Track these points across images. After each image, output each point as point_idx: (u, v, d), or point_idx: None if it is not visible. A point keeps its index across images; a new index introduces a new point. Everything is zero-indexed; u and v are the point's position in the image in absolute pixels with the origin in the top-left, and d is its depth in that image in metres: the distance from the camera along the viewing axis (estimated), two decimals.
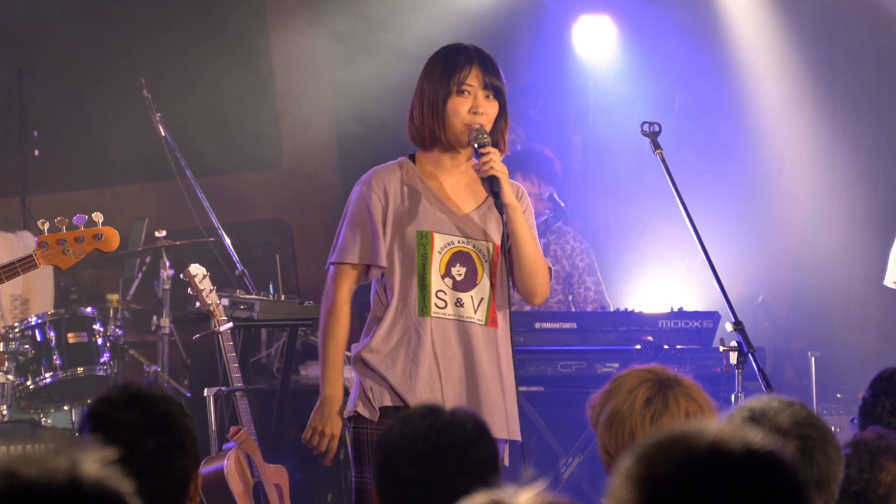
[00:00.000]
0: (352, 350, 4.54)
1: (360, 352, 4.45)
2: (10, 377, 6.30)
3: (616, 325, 6.57)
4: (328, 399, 4.44)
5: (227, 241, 7.11)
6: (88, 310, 6.70)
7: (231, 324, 6.02)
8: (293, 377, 7.17)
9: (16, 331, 6.43)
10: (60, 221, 5.07)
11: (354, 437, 4.43)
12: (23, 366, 6.41)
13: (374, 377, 4.41)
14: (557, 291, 7.04)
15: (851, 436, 3.11)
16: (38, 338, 6.47)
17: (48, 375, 6.45)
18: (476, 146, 4.39)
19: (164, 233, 7.14)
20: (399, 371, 4.40)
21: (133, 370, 7.40)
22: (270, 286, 7.79)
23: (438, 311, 4.42)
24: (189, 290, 6.07)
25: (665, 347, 6.40)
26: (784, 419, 2.70)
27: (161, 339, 7.18)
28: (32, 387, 6.45)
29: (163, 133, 7.48)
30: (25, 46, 8.26)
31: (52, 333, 6.47)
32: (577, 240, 7.17)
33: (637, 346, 6.40)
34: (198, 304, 6.07)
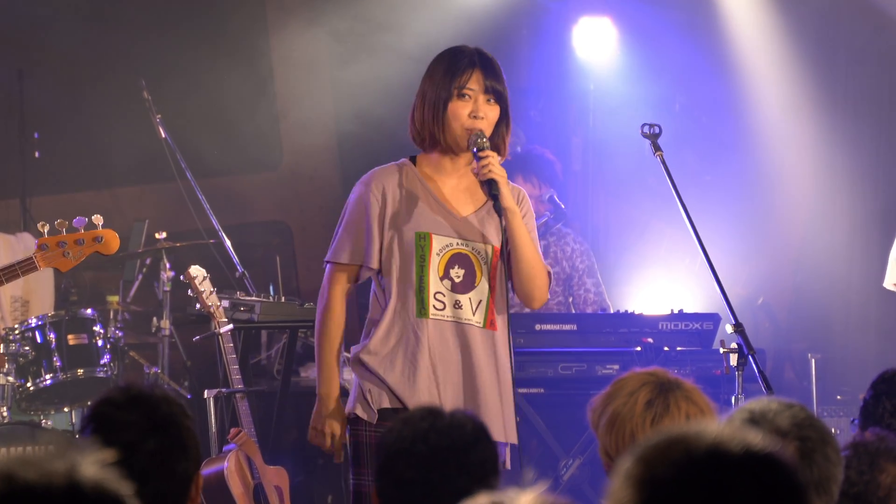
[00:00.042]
0: (351, 352, 4.53)
1: (359, 353, 4.44)
2: (10, 379, 6.29)
3: (616, 327, 6.56)
4: (322, 398, 4.45)
5: (228, 243, 7.11)
6: (89, 311, 6.69)
7: (231, 325, 6.01)
8: (293, 379, 7.17)
9: (16, 332, 6.42)
10: (60, 224, 5.07)
11: (353, 439, 4.43)
12: (23, 367, 6.41)
13: (373, 379, 4.40)
14: (557, 293, 7.04)
15: (851, 437, 3.11)
16: (39, 339, 6.46)
17: (48, 377, 6.45)
18: (475, 150, 4.39)
19: (165, 234, 7.14)
20: (397, 373, 4.39)
21: (133, 372, 7.39)
22: (271, 288, 7.79)
23: (437, 313, 4.41)
24: (189, 292, 6.07)
25: (665, 349, 6.40)
26: (784, 421, 2.70)
27: (161, 341, 7.18)
28: (32, 388, 6.44)
29: (163, 134, 7.48)
30: (25, 47, 8.26)
31: (53, 335, 6.46)
32: (578, 241, 7.17)
33: (637, 348, 6.39)
34: (198, 306, 6.06)
